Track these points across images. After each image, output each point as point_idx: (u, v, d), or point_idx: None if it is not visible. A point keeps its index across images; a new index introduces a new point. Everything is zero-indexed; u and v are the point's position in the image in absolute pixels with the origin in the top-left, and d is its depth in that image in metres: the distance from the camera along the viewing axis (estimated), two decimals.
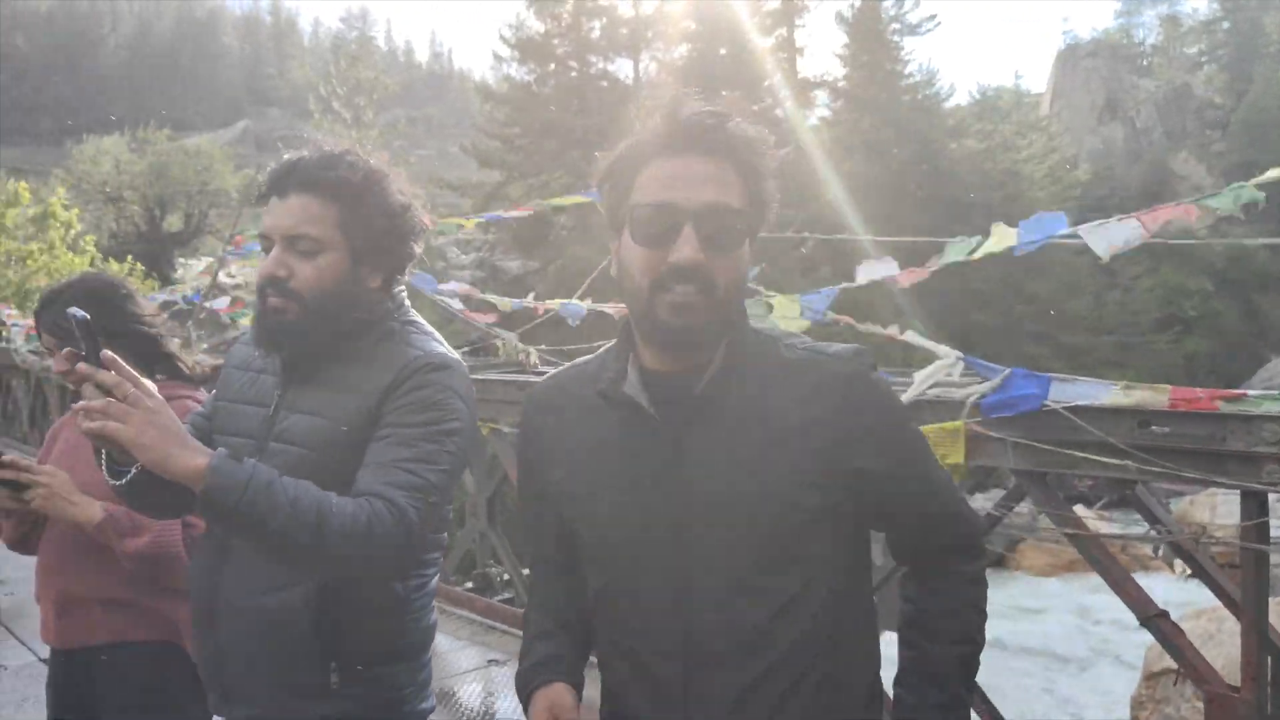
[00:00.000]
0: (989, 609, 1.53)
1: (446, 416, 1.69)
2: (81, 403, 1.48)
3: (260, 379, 1.84)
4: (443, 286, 6.50)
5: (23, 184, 21.75)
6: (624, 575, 1.45)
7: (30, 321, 13.72)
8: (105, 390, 1.43)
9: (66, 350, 1.60)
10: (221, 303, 8.94)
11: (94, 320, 2.20)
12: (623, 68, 33.76)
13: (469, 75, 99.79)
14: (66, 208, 20.65)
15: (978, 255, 3.47)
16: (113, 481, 1.62)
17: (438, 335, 1.86)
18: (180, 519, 2.25)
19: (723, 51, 32.45)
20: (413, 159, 29.26)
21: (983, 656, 1.52)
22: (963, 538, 1.51)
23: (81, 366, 1.50)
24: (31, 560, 6.56)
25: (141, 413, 1.41)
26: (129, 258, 21.73)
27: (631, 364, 1.43)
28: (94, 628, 2.36)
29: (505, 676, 5.00)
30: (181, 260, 32.84)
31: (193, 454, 1.44)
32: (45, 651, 5.21)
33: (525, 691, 1.49)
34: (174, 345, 2.48)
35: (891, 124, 34.97)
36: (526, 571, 6.71)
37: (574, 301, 6.21)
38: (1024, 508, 3.46)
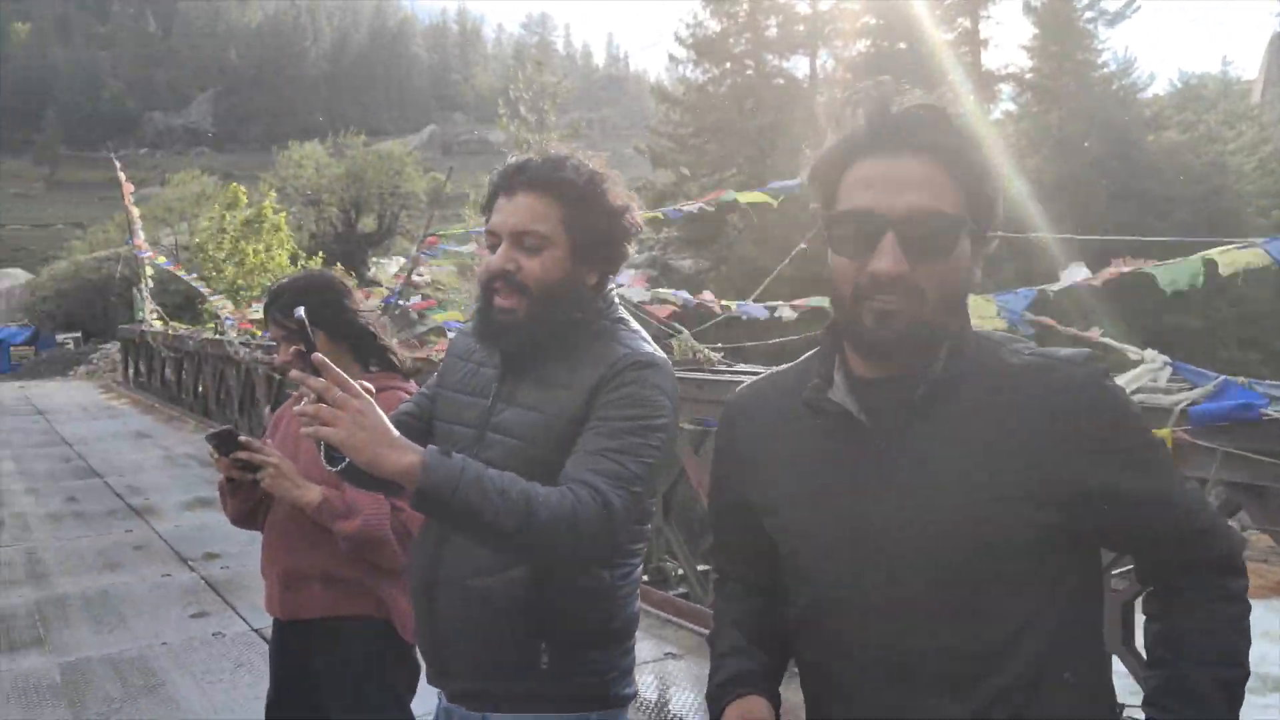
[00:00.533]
0: None
1: (652, 413, 1.74)
2: (297, 406, 1.61)
3: (481, 371, 1.93)
4: (623, 282, 6.64)
5: (240, 188, 23.42)
6: (830, 592, 1.37)
7: (241, 316, 14.85)
8: (316, 394, 1.53)
9: (294, 350, 1.73)
10: (414, 300, 9.37)
11: (314, 314, 2.39)
12: (799, 65, 33.43)
13: (644, 77, 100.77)
14: (276, 211, 22.12)
15: (1230, 271, 3.22)
16: (330, 468, 1.75)
17: (644, 333, 1.92)
18: (390, 503, 2.42)
19: (902, 46, 31.64)
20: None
21: None
22: (1219, 555, 1.34)
23: (294, 374, 1.64)
24: (245, 538, 7.09)
25: (349, 415, 1.50)
26: (320, 254, 23.04)
27: (839, 369, 1.37)
28: (313, 602, 2.54)
29: (681, 670, 5.08)
30: (375, 260, 34.72)
31: (401, 452, 1.52)
32: (258, 621, 5.68)
33: (718, 707, 1.46)
34: (387, 339, 2.66)
35: (1082, 116, 33.24)
36: (701, 567, 6.80)
37: (750, 302, 6.23)
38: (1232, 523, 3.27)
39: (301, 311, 1.71)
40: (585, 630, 1.82)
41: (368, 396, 1.54)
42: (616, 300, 1.94)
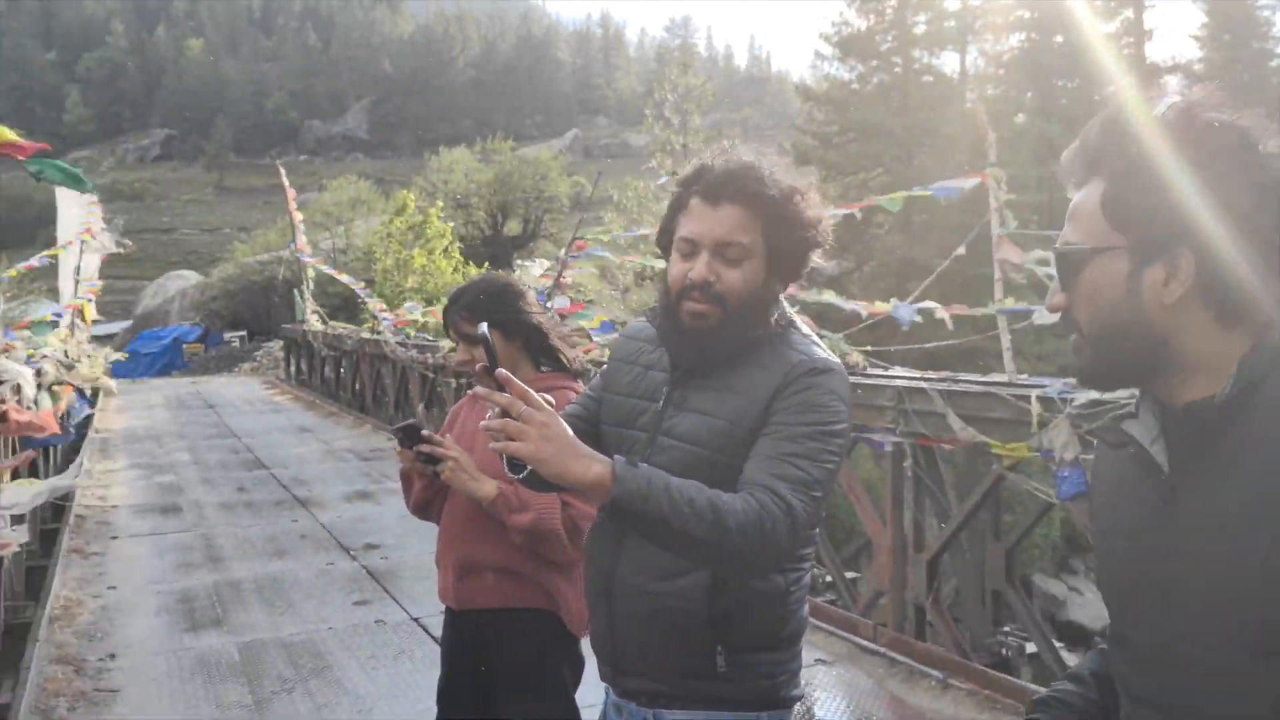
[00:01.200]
0: None
1: (831, 418, 1.76)
2: (484, 421, 1.68)
3: (648, 374, 1.96)
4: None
5: (409, 194, 24.33)
6: (1117, 624, 1.31)
7: (396, 315, 15.39)
8: (501, 409, 1.59)
9: (480, 366, 1.80)
10: (562, 302, 9.54)
11: (491, 315, 2.48)
12: (948, 62, 32.54)
13: (787, 77, 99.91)
14: (441, 218, 22.92)
15: None
16: (512, 475, 1.81)
17: (816, 338, 1.92)
18: (560, 499, 2.49)
19: (1059, 40, 30.43)
20: None
21: None
22: None
23: (479, 390, 1.71)
24: (402, 530, 7.38)
25: (535, 429, 1.55)
26: (470, 262, 23.74)
27: (1145, 398, 1.27)
28: (487, 592, 2.63)
29: (830, 677, 5.03)
30: (519, 262, 35.54)
31: (588, 463, 1.56)
32: (417, 611, 5.90)
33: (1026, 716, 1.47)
34: (558, 339, 2.73)
35: (1258, 107, 31.21)
36: (850, 575, 6.71)
37: (905, 304, 6.12)
38: None
39: (485, 327, 1.78)
40: (760, 634, 1.83)
41: (550, 410, 1.59)
42: (787, 306, 1.95)
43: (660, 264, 9.21)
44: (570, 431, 1.60)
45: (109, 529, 8.25)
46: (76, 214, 14.15)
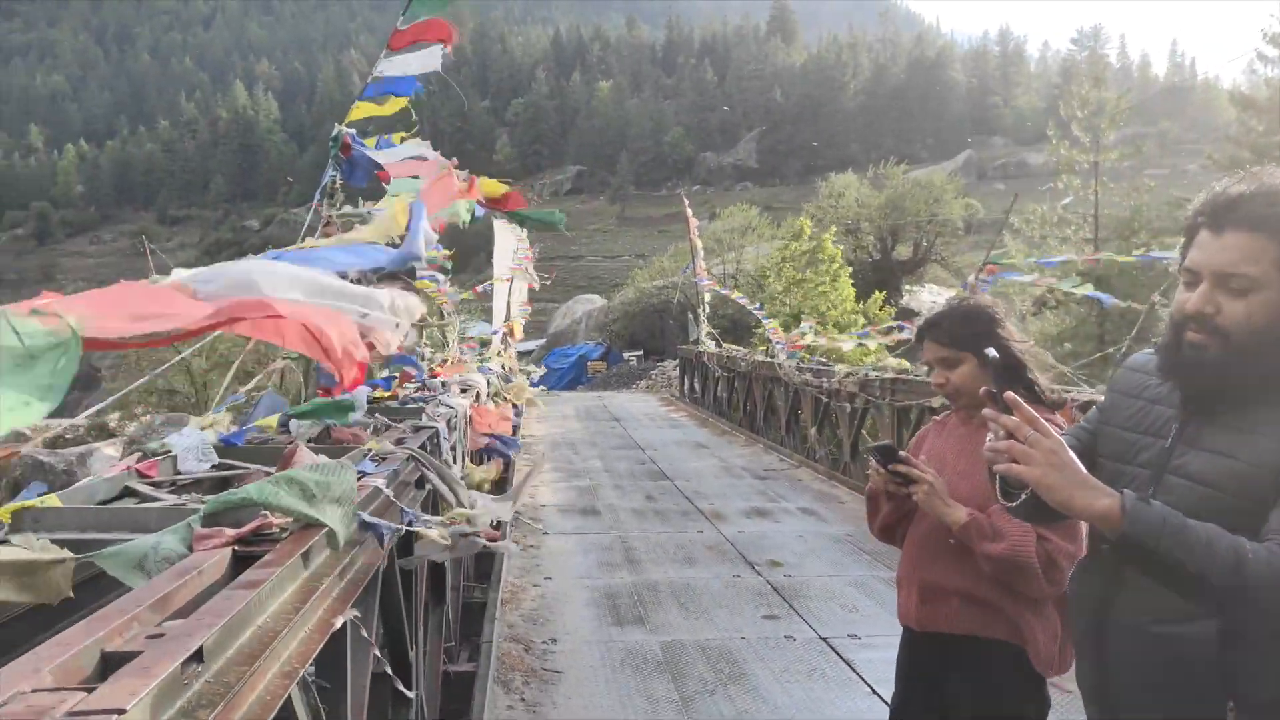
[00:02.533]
0: None
1: None
2: (989, 442, 1.67)
3: (1153, 409, 1.87)
4: None
5: (805, 221, 24.91)
6: None
7: (790, 338, 15.67)
8: (1007, 431, 1.56)
9: (985, 390, 1.80)
10: None
11: (968, 342, 2.47)
12: None
13: (1216, 84, 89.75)
14: (835, 243, 23.22)
15: None
16: (1005, 503, 1.78)
17: None
18: (1036, 532, 2.40)
19: None
20: (1148, 179, 27.27)
21: None
22: None
23: (986, 411, 1.70)
24: (803, 549, 7.50)
25: (1042, 454, 1.53)
26: (851, 283, 23.66)
27: None
28: (951, 618, 2.60)
29: None
30: (908, 288, 34.88)
31: (1096, 495, 1.52)
32: (825, 630, 5.95)
33: None
34: (1036, 368, 2.65)
35: None
36: None
37: None
38: None
39: (994, 351, 1.78)
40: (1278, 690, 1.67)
41: (1058, 437, 1.56)
42: None
43: (1080, 290, 8.62)
44: (1078, 461, 1.57)
45: (541, 525, 9.14)
46: (510, 246, 15.95)
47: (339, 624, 2.18)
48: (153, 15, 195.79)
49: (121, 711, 1.12)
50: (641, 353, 40.88)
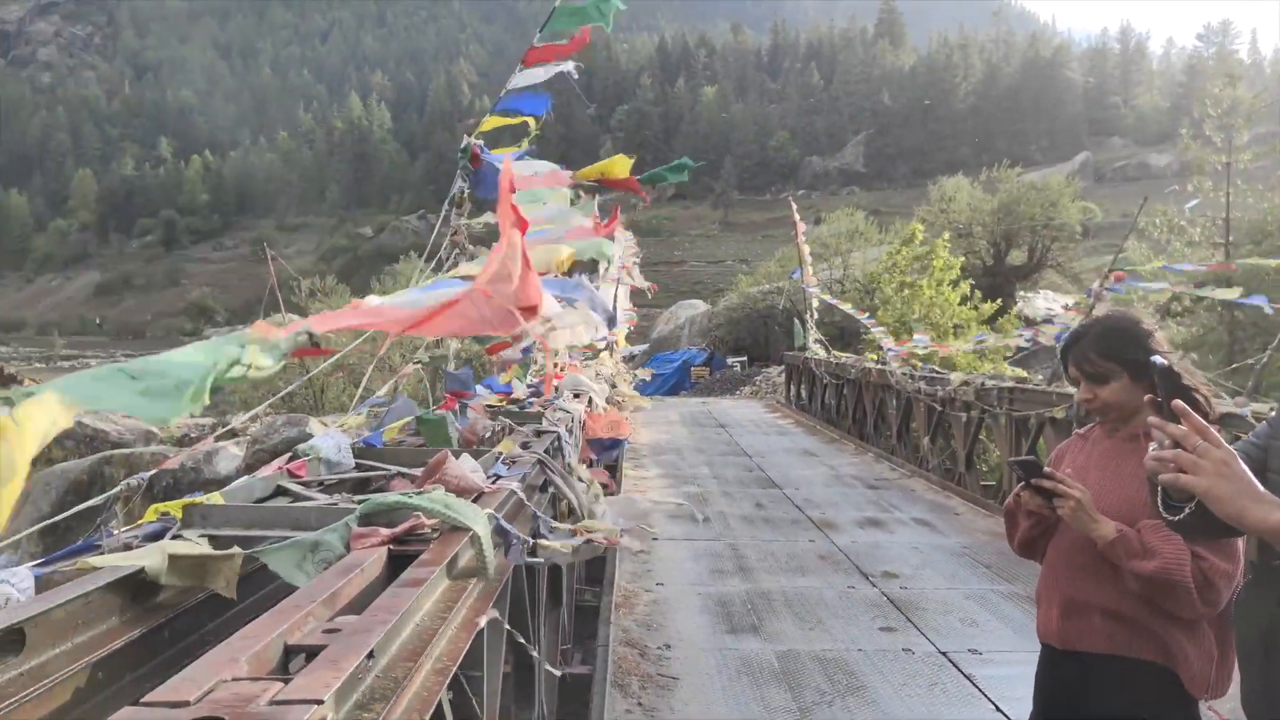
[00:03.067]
0: None
1: None
2: (1152, 451, 1.61)
3: None
4: None
5: (918, 226, 24.46)
6: None
7: (901, 347, 15.45)
8: (1174, 440, 1.51)
9: (1149, 398, 1.75)
10: None
11: (1124, 354, 2.40)
12: None
13: None
14: (948, 249, 22.72)
15: None
16: (1167, 516, 1.72)
17: None
18: (1190, 550, 2.31)
19: None
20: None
21: None
22: None
23: (1152, 419, 1.65)
24: (918, 561, 7.39)
25: (1212, 464, 1.47)
26: (969, 289, 23.07)
27: None
28: (1094, 635, 2.53)
29: None
30: (1022, 294, 33.92)
31: (1271, 508, 1.46)
32: (944, 644, 5.84)
33: None
34: (1193, 381, 2.55)
35: None
36: None
37: None
38: None
39: (1160, 359, 1.73)
40: None
41: (1229, 448, 1.50)
42: None
43: (1222, 293, 8.26)
44: (1250, 473, 1.51)
45: (649, 531, 9.17)
46: (617, 251, 16.09)
47: (482, 624, 2.24)
48: (273, 30, 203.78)
49: (319, 702, 1.18)
50: (745, 358, 40.66)
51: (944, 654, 5.76)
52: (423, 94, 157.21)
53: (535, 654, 3.59)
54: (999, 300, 23.92)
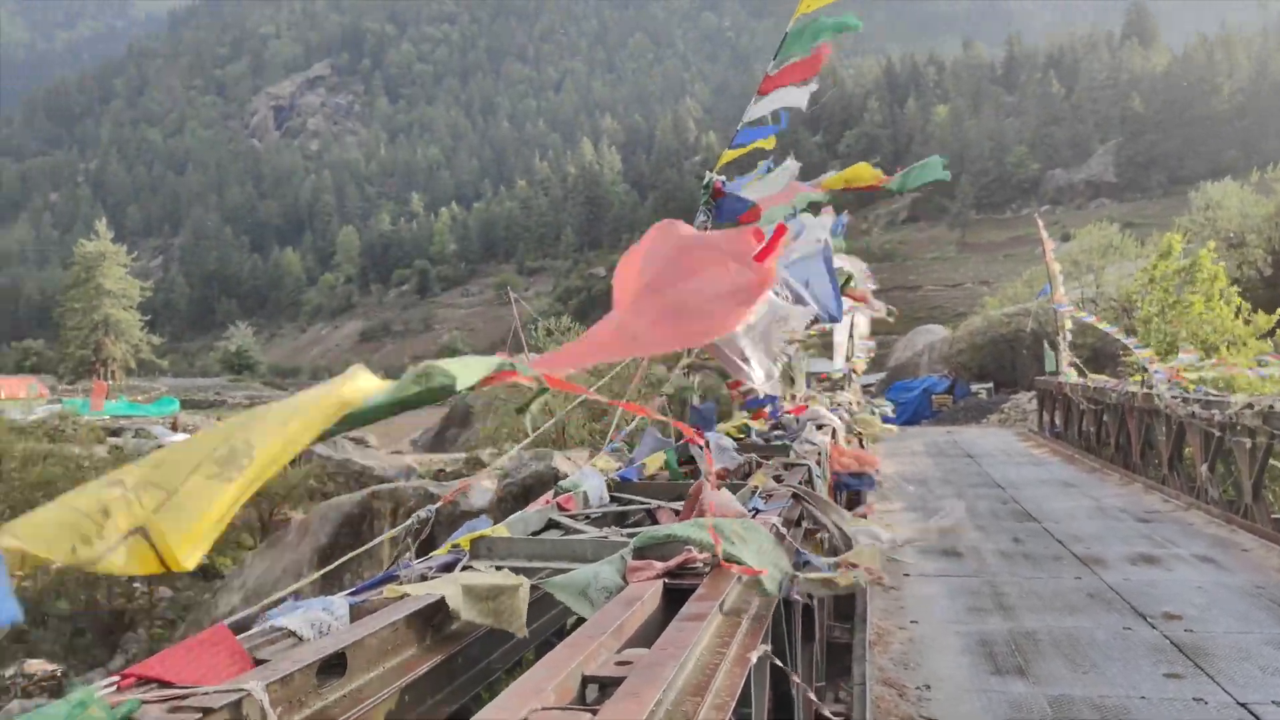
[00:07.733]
0: None
1: None
2: None
3: None
4: None
5: (1175, 236, 22.68)
6: None
7: (1174, 368, 14.29)
8: None
9: None
10: None
11: None
12: None
13: None
14: (1213, 260, 20.91)
15: None
16: None
17: None
18: None
19: None
20: None
21: None
22: None
23: None
24: (1203, 601, 6.78)
25: None
26: (1244, 302, 20.95)
27: None
28: None
29: None
30: None
31: None
32: (1244, 695, 5.31)
33: None
34: None
35: None
36: None
37: None
38: None
39: None
40: None
41: None
42: None
43: None
44: None
45: (901, 566, 8.87)
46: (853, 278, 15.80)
47: (754, 659, 2.23)
48: (510, 85, 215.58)
49: None
50: (991, 385, 38.86)
51: (1243, 705, 5.23)
52: (650, 134, 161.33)
53: (801, 687, 3.54)
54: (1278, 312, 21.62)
